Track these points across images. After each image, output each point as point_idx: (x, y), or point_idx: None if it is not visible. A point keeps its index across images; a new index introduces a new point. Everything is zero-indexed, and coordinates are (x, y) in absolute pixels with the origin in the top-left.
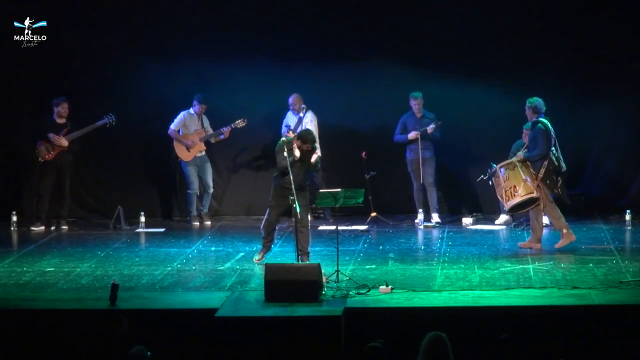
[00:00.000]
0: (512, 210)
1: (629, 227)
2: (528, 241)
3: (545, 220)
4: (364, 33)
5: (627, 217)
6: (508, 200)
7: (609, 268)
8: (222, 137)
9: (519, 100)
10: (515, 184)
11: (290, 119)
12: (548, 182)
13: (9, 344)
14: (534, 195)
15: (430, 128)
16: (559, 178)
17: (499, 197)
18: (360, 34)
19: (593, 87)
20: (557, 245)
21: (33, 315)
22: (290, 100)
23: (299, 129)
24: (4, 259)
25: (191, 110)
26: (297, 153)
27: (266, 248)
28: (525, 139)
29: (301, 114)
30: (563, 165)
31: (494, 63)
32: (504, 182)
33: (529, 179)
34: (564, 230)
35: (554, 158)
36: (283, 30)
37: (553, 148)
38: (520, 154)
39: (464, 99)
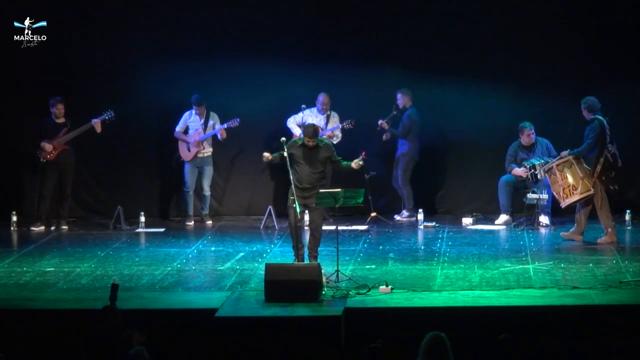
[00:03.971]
0: (567, 205)
1: (629, 227)
2: (570, 232)
3: (545, 220)
4: (364, 34)
5: (627, 217)
6: (566, 198)
7: (609, 268)
8: (219, 137)
9: (518, 100)
10: (574, 182)
11: (311, 118)
12: (604, 178)
13: (9, 344)
14: (592, 192)
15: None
16: (612, 174)
17: (554, 194)
18: (360, 34)
19: (593, 86)
20: (599, 240)
21: (33, 315)
22: (322, 99)
23: (328, 127)
24: (4, 259)
25: (193, 111)
26: (355, 165)
27: (296, 256)
28: (524, 139)
29: (328, 112)
30: (619, 161)
31: (494, 64)
32: (562, 180)
33: (586, 176)
34: (609, 229)
35: (609, 155)
36: (283, 31)
37: (610, 145)
38: (565, 153)
39: (465, 99)
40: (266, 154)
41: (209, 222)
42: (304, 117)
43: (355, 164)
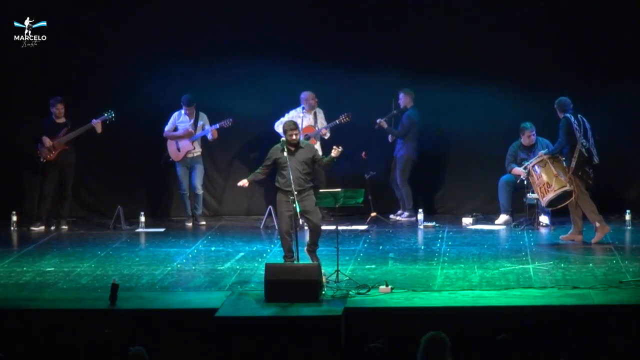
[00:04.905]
0: (550, 206)
1: (629, 227)
2: (570, 234)
3: (545, 219)
4: (364, 33)
5: (627, 217)
6: (544, 196)
7: (609, 268)
8: (210, 137)
9: (518, 100)
10: (548, 180)
11: (298, 119)
12: (580, 174)
13: (9, 344)
14: (567, 188)
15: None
16: (590, 170)
17: (536, 193)
18: (360, 34)
19: (592, 86)
20: (593, 240)
21: (33, 315)
22: (307, 96)
23: (318, 125)
24: (4, 259)
25: (182, 111)
26: (334, 153)
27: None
28: (525, 139)
29: (315, 110)
30: (595, 158)
31: (495, 64)
32: (538, 179)
33: (561, 173)
34: (597, 224)
35: (583, 150)
36: (282, 31)
37: (584, 140)
38: (542, 153)
39: (465, 100)
40: (243, 182)
41: (203, 223)
42: (291, 119)
43: (334, 151)
